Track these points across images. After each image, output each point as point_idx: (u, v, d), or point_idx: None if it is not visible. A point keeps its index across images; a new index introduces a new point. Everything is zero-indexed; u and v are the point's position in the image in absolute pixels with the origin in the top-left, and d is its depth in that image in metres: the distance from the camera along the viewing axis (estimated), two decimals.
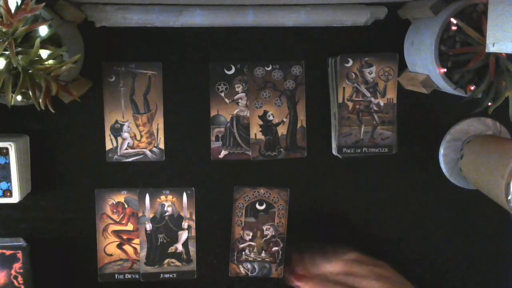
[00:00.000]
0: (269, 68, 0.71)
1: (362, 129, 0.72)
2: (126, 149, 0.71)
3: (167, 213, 0.73)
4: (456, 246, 0.78)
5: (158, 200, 0.73)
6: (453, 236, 0.78)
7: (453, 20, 0.61)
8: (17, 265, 0.69)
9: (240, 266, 0.74)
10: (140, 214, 0.73)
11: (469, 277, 0.79)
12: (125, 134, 0.71)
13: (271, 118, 0.73)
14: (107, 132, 0.71)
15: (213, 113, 0.72)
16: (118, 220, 0.73)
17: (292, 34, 0.71)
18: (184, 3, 0.66)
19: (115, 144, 0.71)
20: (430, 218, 0.77)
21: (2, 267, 0.69)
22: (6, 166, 0.64)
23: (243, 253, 0.74)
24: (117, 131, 0.71)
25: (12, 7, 0.53)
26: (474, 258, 0.78)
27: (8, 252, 0.69)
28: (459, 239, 0.78)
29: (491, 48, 0.54)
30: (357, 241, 0.76)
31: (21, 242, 0.70)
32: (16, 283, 0.69)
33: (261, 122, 0.72)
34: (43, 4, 0.53)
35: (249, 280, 0.75)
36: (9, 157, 0.64)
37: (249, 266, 0.74)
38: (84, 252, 0.72)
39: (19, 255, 0.69)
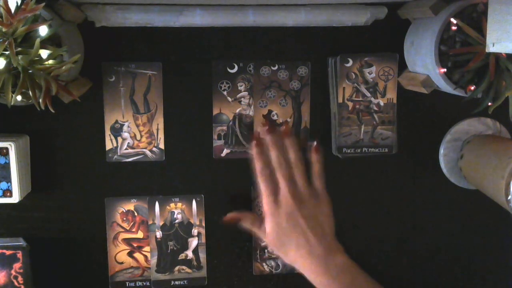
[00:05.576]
0: (275, 68, 0.71)
1: (362, 129, 0.72)
2: (126, 149, 0.71)
3: (176, 221, 0.73)
4: (456, 246, 0.78)
5: (168, 207, 0.73)
6: (453, 236, 0.78)
7: (453, 20, 0.61)
8: (17, 265, 0.69)
9: (264, 264, 0.75)
10: (150, 222, 0.73)
11: (469, 277, 0.79)
12: (125, 134, 0.71)
13: (275, 117, 0.73)
14: (107, 132, 0.71)
15: (215, 111, 0.72)
16: (128, 228, 0.73)
17: (292, 34, 0.71)
18: (184, 3, 0.66)
19: (115, 144, 0.71)
20: (430, 218, 0.77)
21: (2, 267, 0.69)
22: (6, 166, 0.64)
23: (266, 251, 0.74)
24: (117, 131, 0.71)
25: (12, 7, 0.53)
26: (474, 258, 0.79)
27: (8, 252, 0.69)
28: (459, 239, 0.78)
29: (491, 48, 0.54)
30: (356, 241, 0.76)
31: (21, 242, 0.70)
32: (16, 283, 0.69)
33: (265, 119, 0.72)
34: (43, 4, 0.53)
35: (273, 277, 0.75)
36: (9, 157, 0.64)
37: (272, 263, 0.75)
38: (86, 253, 0.73)
39: (19, 255, 0.69)
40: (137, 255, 0.73)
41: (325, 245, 0.63)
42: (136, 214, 0.73)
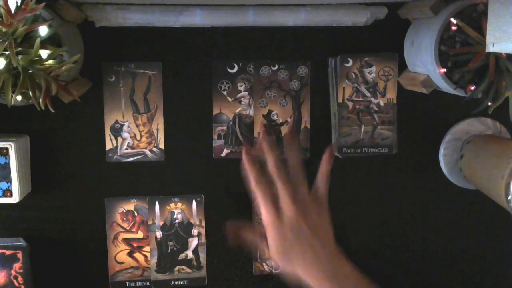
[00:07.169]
0: (275, 68, 0.71)
1: (362, 129, 0.72)
2: (126, 149, 0.71)
3: (177, 221, 0.73)
4: (456, 246, 0.78)
5: (168, 207, 0.73)
6: (452, 236, 0.78)
7: (453, 20, 0.61)
8: (17, 265, 0.69)
9: (264, 264, 0.75)
10: (150, 222, 0.73)
11: (469, 276, 0.79)
12: (125, 134, 0.71)
13: (275, 117, 0.73)
14: (107, 132, 0.71)
15: (215, 111, 0.72)
16: (128, 228, 0.73)
17: (292, 34, 0.71)
18: (184, 3, 0.66)
19: (115, 144, 0.71)
20: (430, 218, 0.77)
21: (2, 267, 0.69)
22: (6, 166, 0.64)
23: (266, 251, 0.74)
24: (117, 131, 0.71)
25: (12, 7, 0.53)
26: (474, 258, 0.79)
27: (8, 252, 0.69)
28: (459, 239, 0.78)
29: (491, 48, 0.54)
30: (356, 240, 0.76)
31: (21, 242, 0.70)
32: (16, 283, 0.69)
33: (265, 122, 0.72)
34: (43, 4, 0.53)
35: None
36: (9, 157, 0.64)
37: (272, 263, 0.75)
38: (86, 253, 0.73)
39: (19, 255, 0.69)
40: (137, 255, 0.73)
41: (330, 251, 0.62)
42: (136, 214, 0.73)
